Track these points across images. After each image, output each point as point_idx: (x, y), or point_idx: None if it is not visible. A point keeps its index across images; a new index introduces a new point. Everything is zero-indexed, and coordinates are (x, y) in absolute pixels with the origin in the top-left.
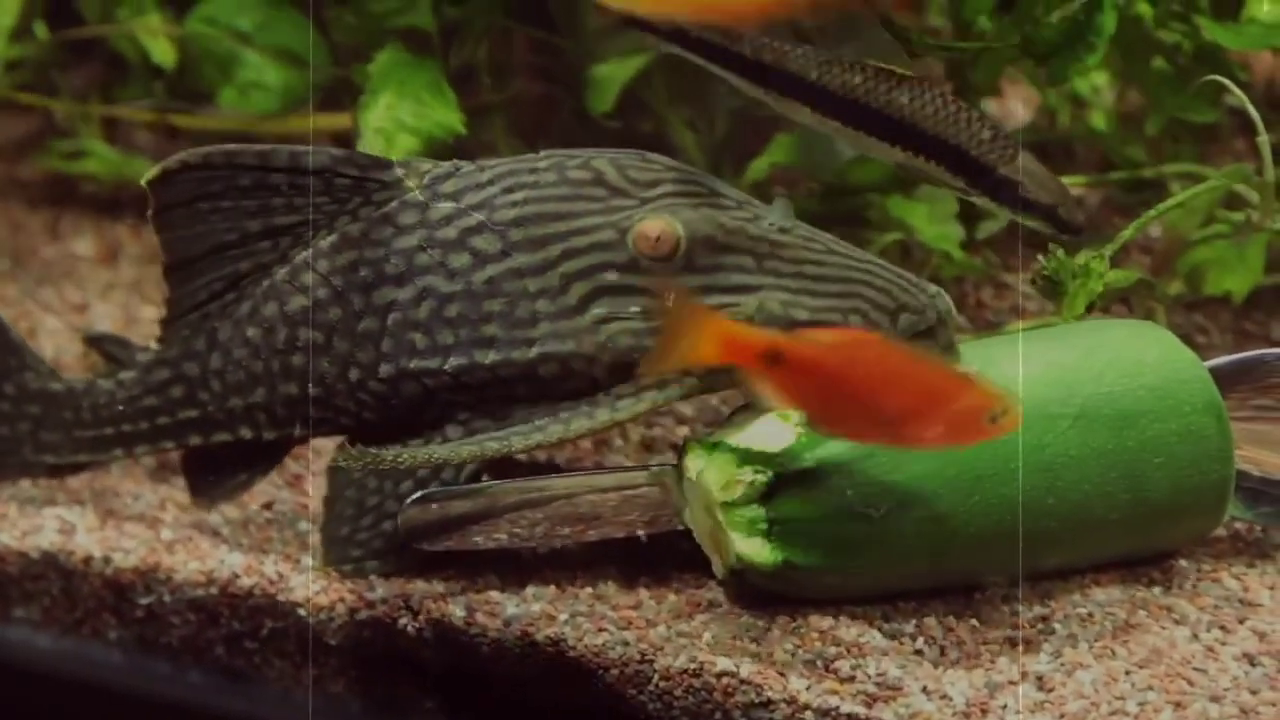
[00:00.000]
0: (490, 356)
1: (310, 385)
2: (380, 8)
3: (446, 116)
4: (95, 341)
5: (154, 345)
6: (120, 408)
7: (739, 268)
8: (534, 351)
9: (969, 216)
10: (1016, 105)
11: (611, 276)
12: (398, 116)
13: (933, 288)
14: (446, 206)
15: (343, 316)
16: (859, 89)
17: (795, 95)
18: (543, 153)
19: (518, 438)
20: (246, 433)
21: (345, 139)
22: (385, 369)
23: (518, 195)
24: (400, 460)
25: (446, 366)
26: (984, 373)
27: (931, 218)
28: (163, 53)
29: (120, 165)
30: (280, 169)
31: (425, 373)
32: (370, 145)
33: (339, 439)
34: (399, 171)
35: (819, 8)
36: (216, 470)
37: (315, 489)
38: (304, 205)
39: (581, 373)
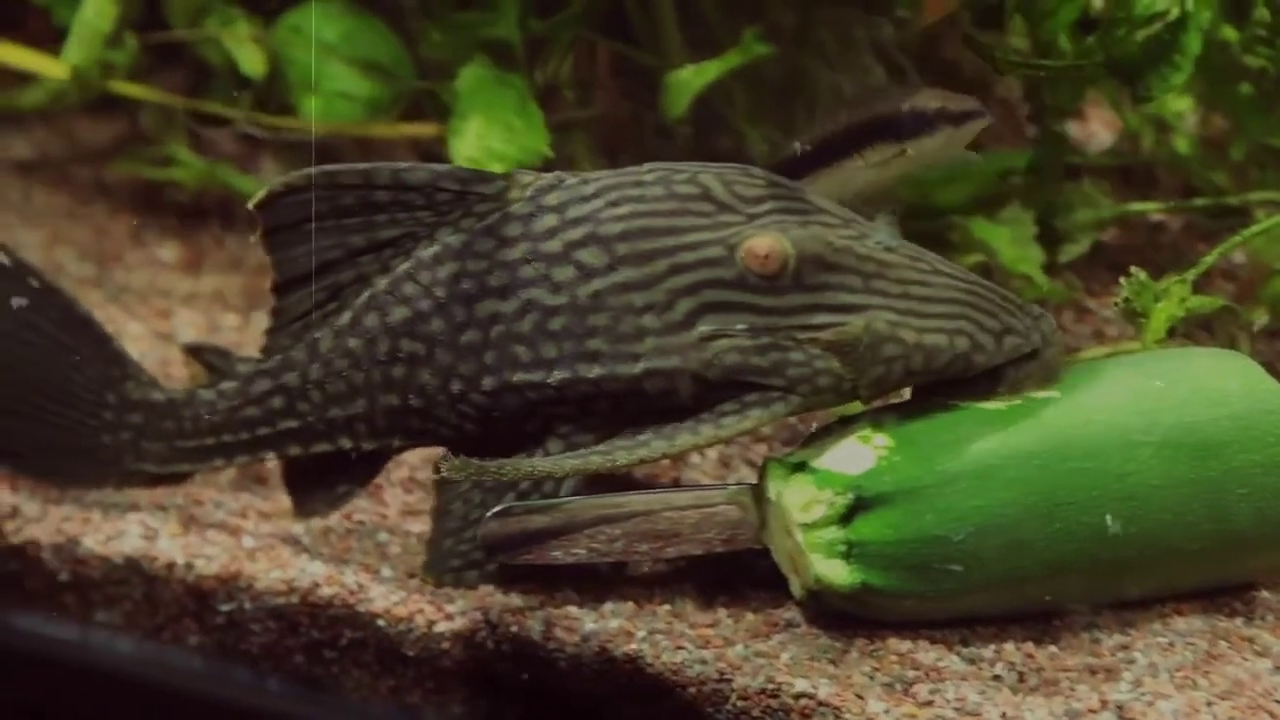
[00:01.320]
0: (594, 371)
1: (411, 397)
2: (465, 19)
3: (534, 141)
4: (195, 351)
5: (257, 355)
6: (221, 418)
7: (846, 287)
8: (639, 367)
9: (1051, 239)
10: (1098, 128)
11: (719, 293)
12: (488, 145)
13: (1037, 309)
14: (551, 219)
15: (445, 328)
16: None
17: None
18: (646, 166)
19: (622, 453)
20: (346, 443)
21: (427, 148)
22: (488, 381)
23: (623, 209)
24: (503, 472)
25: (550, 380)
26: (1065, 399)
27: (1013, 240)
28: (251, 61)
29: (205, 173)
30: (383, 186)
31: (528, 386)
32: None
33: (427, 451)
34: (501, 184)
35: None
36: (317, 482)
37: (394, 500)
38: (406, 219)
39: (687, 389)
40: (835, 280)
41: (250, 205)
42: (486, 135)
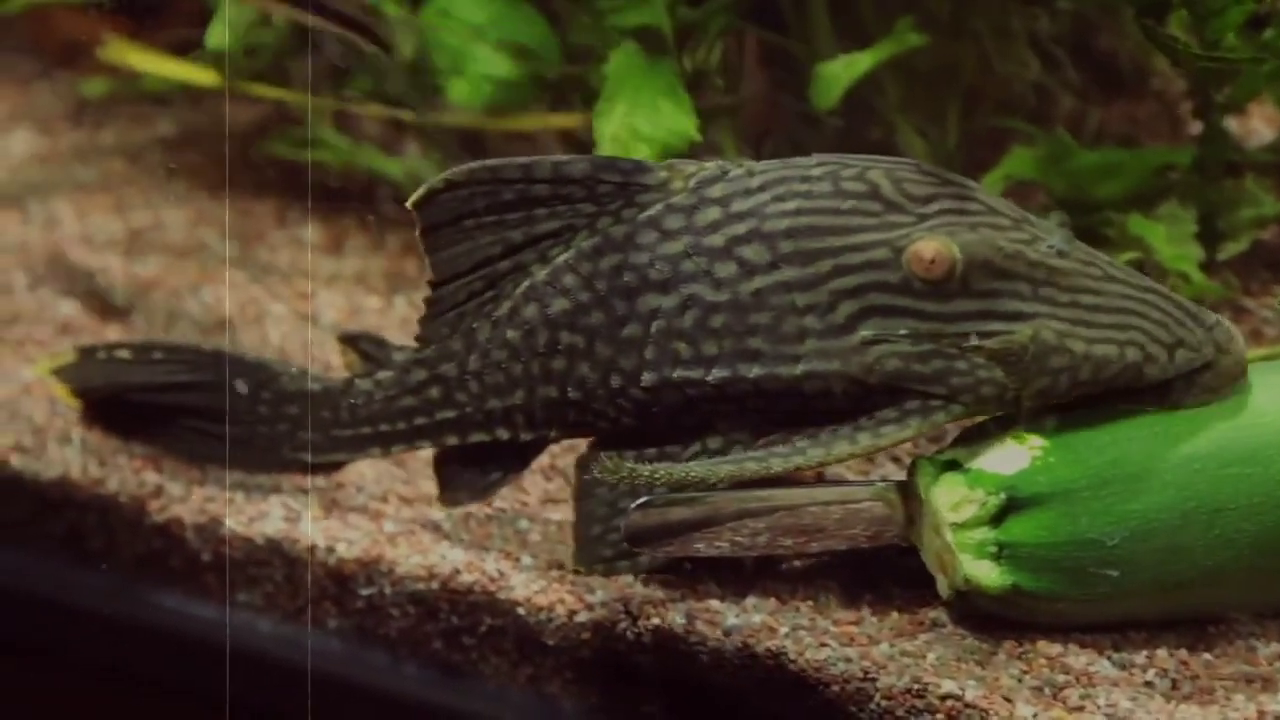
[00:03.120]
0: (754, 370)
1: (569, 390)
2: (614, 4)
3: (682, 124)
4: (351, 340)
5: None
6: (378, 408)
7: (1015, 294)
8: (800, 369)
9: (1210, 237)
10: (1259, 125)
11: (883, 297)
12: (633, 125)
13: (1211, 317)
14: (714, 212)
15: (605, 321)
16: None
17: None
18: (815, 158)
19: (777, 459)
20: (504, 434)
21: (573, 137)
22: (648, 377)
23: (789, 205)
24: (657, 478)
25: (709, 378)
26: (1231, 402)
27: (1171, 237)
28: (403, 46)
29: (350, 154)
30: (543, 180)
31: (688, 383)
32: (606, 153)
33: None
34: (663, 175)
35: None
36: (469, 469)
37: (534, 487)
38: (567, 212)
39: (847, 393)
40: (1004, 287)
41: (409, 204)
42: (632, 115)
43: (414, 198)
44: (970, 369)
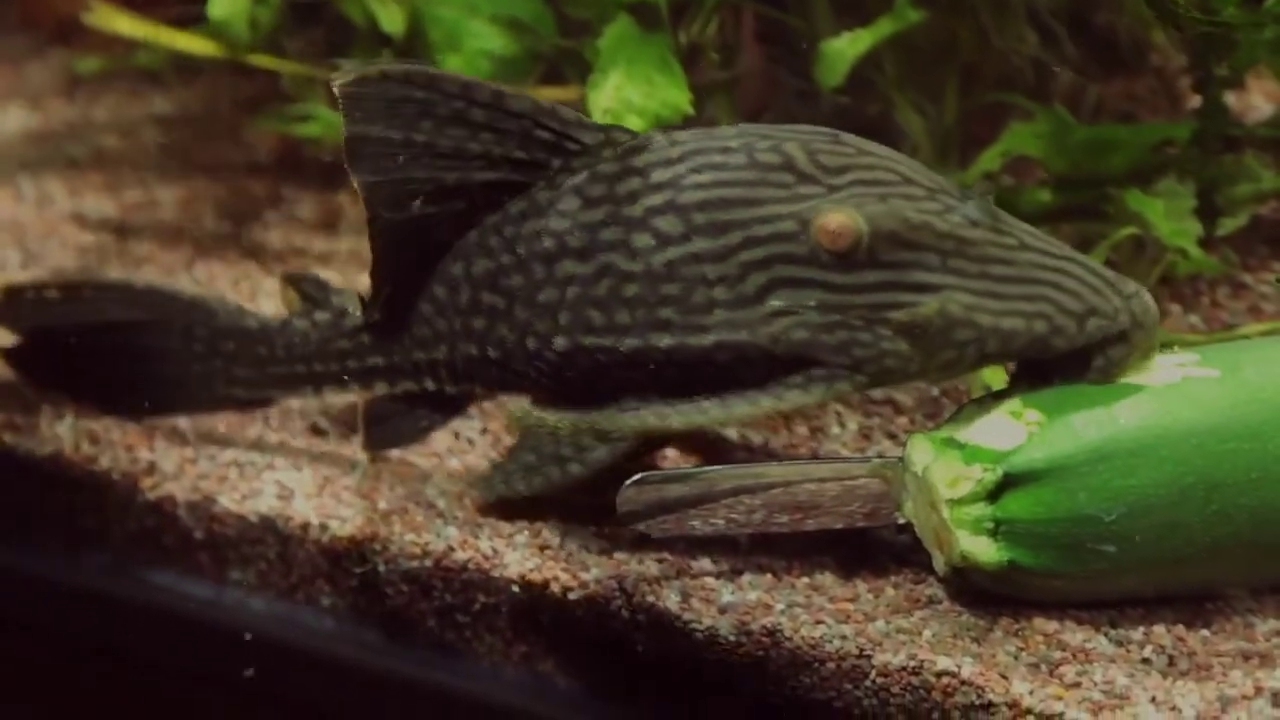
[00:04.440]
0: (665, 340)
1: (489, 349)
2: None
3: (675, 97)
4: (293, 280)
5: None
6: (313, 348)
7: (922, 265)
8: (709, 339)
9: (1209, 213)
10: (1259, 100)
11: (791, 268)
12: (626, 97)
13: (1131, 286)
14: (635, 182)
15: (524, 285)
16: None
17: None
18: (736, 129)
19: (678, 416)
20: (430, 385)
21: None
22: (560, 342)
23: (705, 176)
24: (560, 425)
25: (621, 347)
26: (1225, 378)
27: (1168, 213)
28: (391, 20)
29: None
30: (482, 104)
31: (600, 350)
32: None
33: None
34: (600, 136)
35: None
36: (396, 417)
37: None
38: (496, 147)
39: (756, 362)
40: (911, 258)
41: (335, 84)
42: (625, 88)
43: (341, 80)
44: (874, 340)
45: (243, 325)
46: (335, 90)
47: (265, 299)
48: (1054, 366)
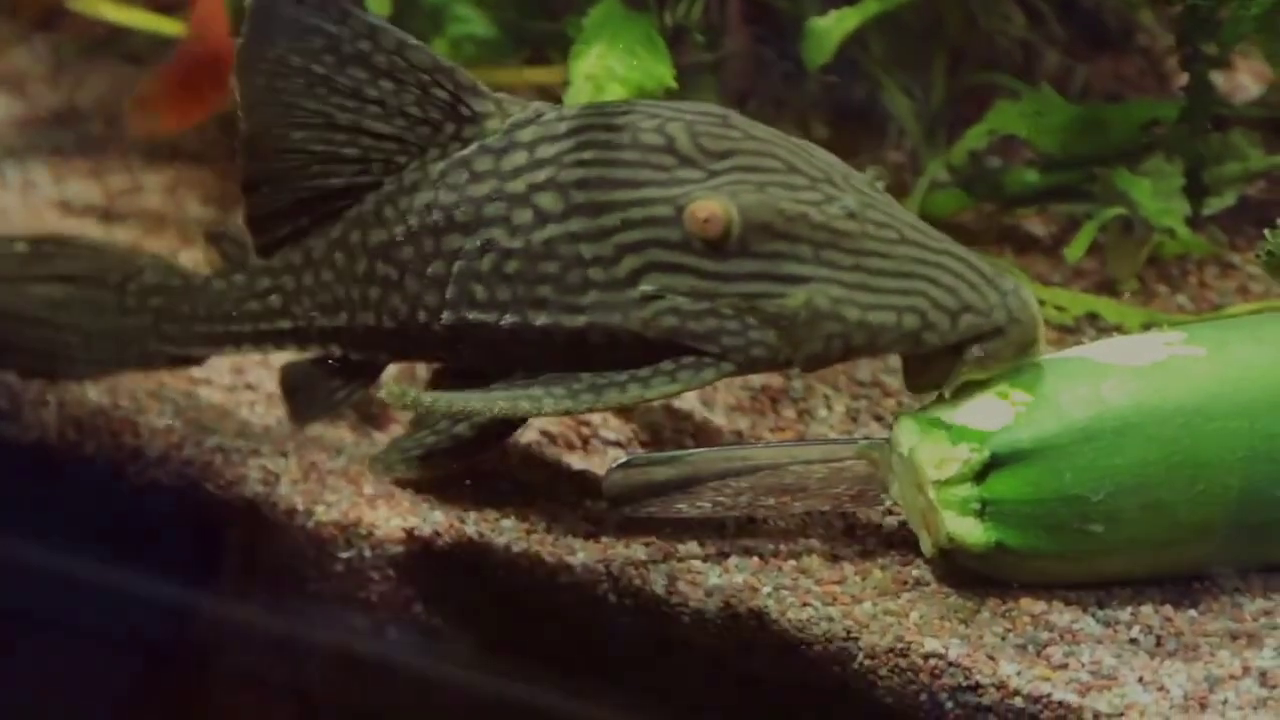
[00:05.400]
0: (541, 319)
1: (385, 319)
2: None
3: (657, 68)
4: (215, 238)
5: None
6: (229, 307)
7: (794, 256)
8: (582, 319)
9: (1196, 192)
10: (1247, 80)
11: (664, 253)
12: (609, 65)
13: (1009, 283)
14: (520, 156)
15: (414, 257)
16: None
17: None
18: (623, 105)
19: (550, 400)
20: (336, 350)
21: (552, 93)
22: (447, 315)
23: (587, 154)
24: (437, 405)
25: (502, 322)
26: (1213, 356)
27: (1156, 192)
28: (377, 3)
29: None
30: (387, 50)
31: (482, 325)
32: (579, 92)
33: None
34: (490, 106)
35: None
36: (312, 387)
37: (515, 451)
38: (394, 109)
39: (629, 346)
40: (784, 249)
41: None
42: (607, 56)
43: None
44: (742, 330)
45: (169, 282)
46: (246, 3)
47: None
48: (931, 360)
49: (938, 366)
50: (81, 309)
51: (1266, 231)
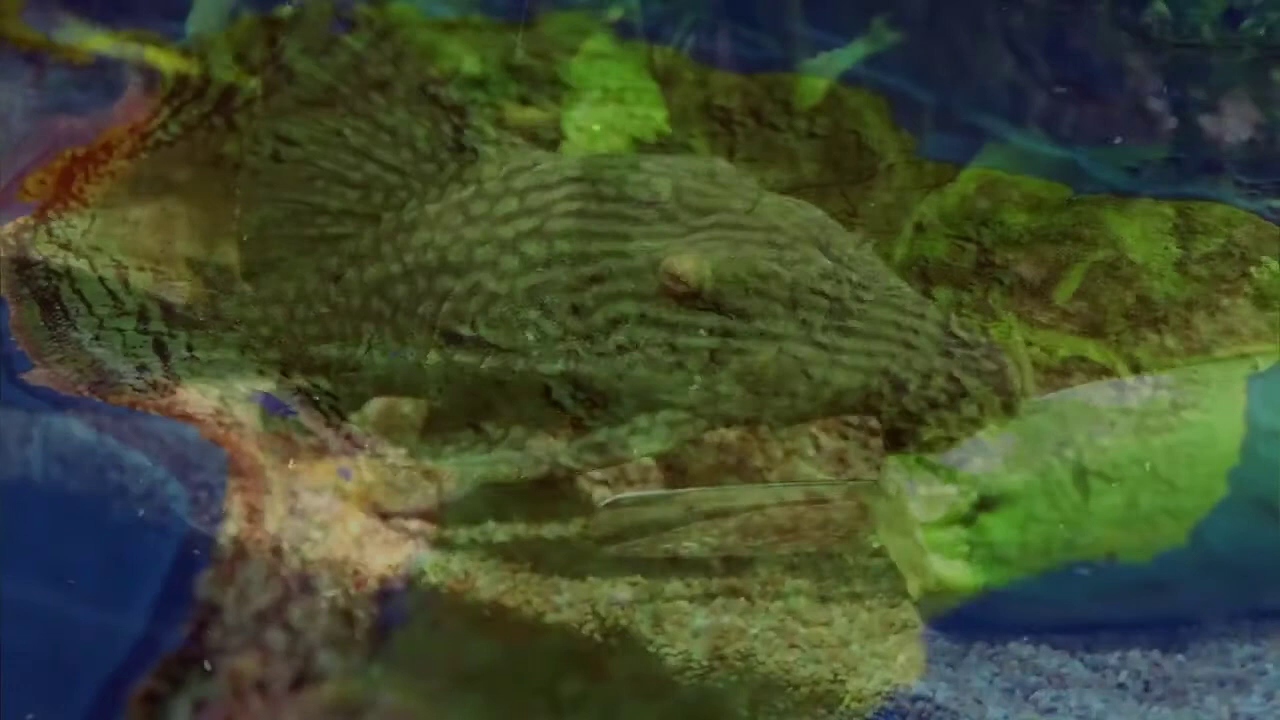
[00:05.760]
0: (520, 364)
1: (377, 354)
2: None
3: (651, 114)
4: (199, 268)
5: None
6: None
7: (766, 314)
8: (557, 367)
9: (1184, 234)
10: (1234, 123)
11: (638, 305)
12: (603, 116)
13: (985, 347)
14: (512, 203)
15: (407, 296)
16: None
17: None
18: (616, 158)
19: (530, 465)
20: (324, 382)
21: (536, 132)
22: (433, 356)
23: (575, 205)
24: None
25: (483, 366)
26: (1203, 401)
27: (1144, 234)
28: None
29: None
30: (409, 80)
31: (466, 367)
32: (574, 144)
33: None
34: (491, 150)
35: None
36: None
37: None
38: (405, 137)
39: (604, 396)
40: (756, 307)
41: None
42: (601, 106)
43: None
44: (711, 384)
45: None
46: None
47: None
48: (904, 421)
49: (910, 428)
50: None
51: (1251, 270)
